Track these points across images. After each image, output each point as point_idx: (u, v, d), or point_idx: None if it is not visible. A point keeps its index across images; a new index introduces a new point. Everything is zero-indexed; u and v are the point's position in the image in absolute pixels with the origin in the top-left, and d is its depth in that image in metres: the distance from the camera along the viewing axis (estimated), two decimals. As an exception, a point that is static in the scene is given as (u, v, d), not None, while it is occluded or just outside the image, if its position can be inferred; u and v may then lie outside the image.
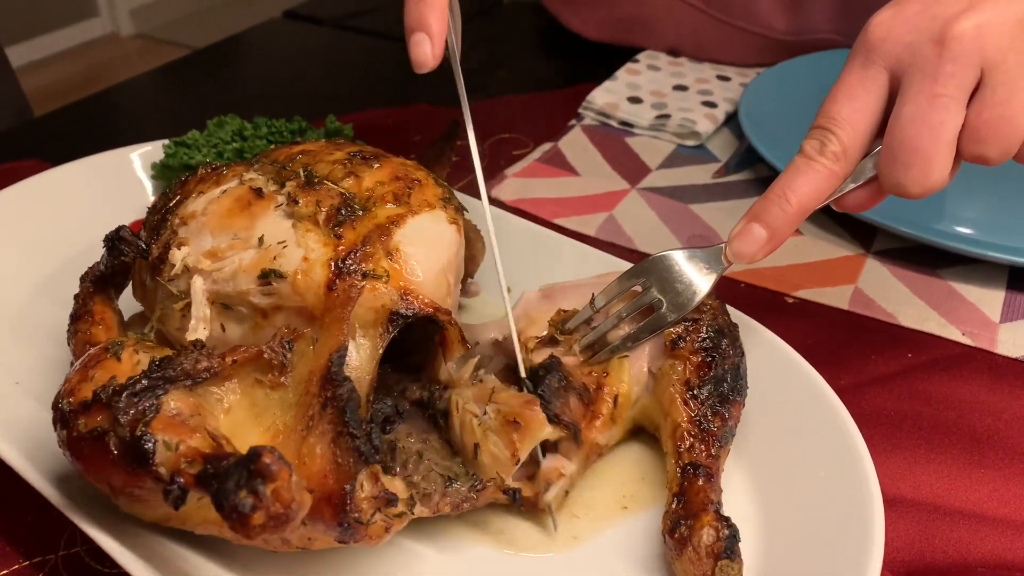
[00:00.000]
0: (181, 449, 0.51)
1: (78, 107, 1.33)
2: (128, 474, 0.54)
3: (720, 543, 0.60)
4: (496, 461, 0.62)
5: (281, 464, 0.46)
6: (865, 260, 0.98)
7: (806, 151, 0.66)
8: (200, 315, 0.62)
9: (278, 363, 0.58)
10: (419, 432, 0.65)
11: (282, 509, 0.46)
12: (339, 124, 1.02)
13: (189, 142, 0.97)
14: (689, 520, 0.61)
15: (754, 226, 0.66)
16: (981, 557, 0.67)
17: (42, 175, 0.95)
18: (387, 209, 0.64)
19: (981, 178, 1.08)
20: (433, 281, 0.63)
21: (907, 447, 0.76)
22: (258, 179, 0.67)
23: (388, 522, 0.55)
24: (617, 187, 1.11)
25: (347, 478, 0.53)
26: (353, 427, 0.54)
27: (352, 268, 0.61)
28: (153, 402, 0.54)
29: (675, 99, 1.28)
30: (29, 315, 0.82)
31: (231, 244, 0.63)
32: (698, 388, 0.68)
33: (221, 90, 1.42)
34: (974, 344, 0.87)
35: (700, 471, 0.65)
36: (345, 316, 0.59)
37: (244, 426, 0.57)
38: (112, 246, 0.67)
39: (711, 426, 0.67)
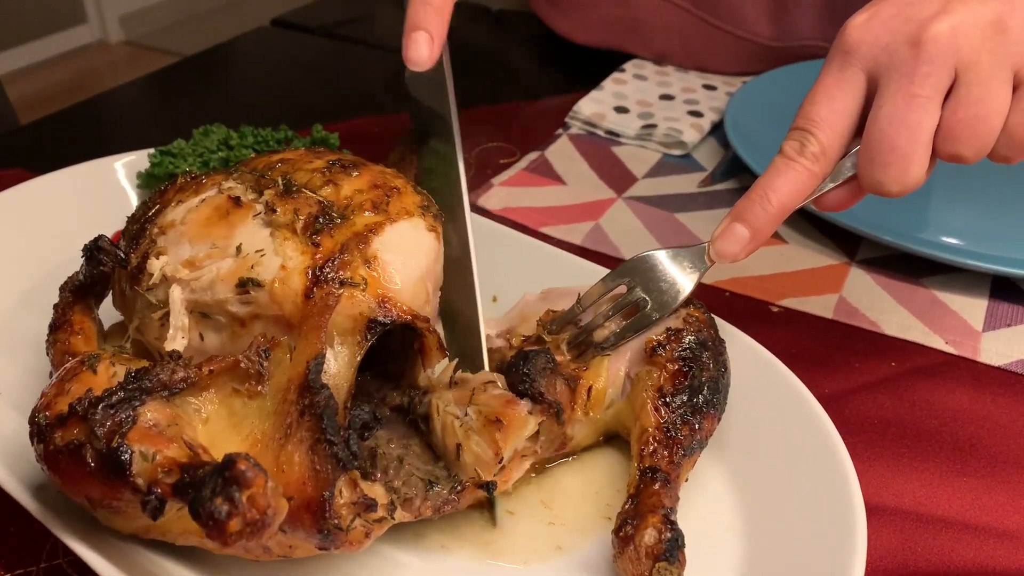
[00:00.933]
0: (158, 459, 0.51)
1: (63, 115, 1.32)
2: (106, 486, 0.54)
3: (660, 545, 0.60)
4: (479, 460, 0.62)
5: (256, 471, 0.46)
6: (849, 269, 0.99)
7: (786, 152, 0.67)
8: (178, 324, 0.62)
9: (255, 372, 0.58)
10: (399, 438, 0.65)
11: (258, 515, 0.46)
12: (325, 133, 1.02)
13: (175, 151, 0.97)
14: (636, 520, 0.62)
15: (736, 226, 0.67)
16: (963, 565, 0.68)
17: (25, 184, 0.95)
18: (365, 217, 0.65)
19: (966, 187, 1.09)
20: (411, 289, 0.64)
21: (890, 455, 0.77)
22: (237, 188, 0.67)
23: (368, 527, 0.55)
24: (603, 196, 1.11)
25: (326, 485, 0.53)
26: (331, 434, 0.54)
27: (330, 276, 0.61)
28: (130, 413, 0.54)
29: (661, 108, 1.28)
30: (11, 326, 0.82)
31: (209, 253, 0.63)
32: (671, 396, 0.68)
33: (208, 99, 1.42)
34: (957, 352, 0.88)
35: (658, 475, 0.65)
36: (323, 324, 0.59)
37: (223, 435, 0.57)
38: (91, 256, 0.67)
39: (678, 434, 0.67)
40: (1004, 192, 1.08)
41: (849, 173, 0.67)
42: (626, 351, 0.72)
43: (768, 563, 0.64)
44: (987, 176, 1.11)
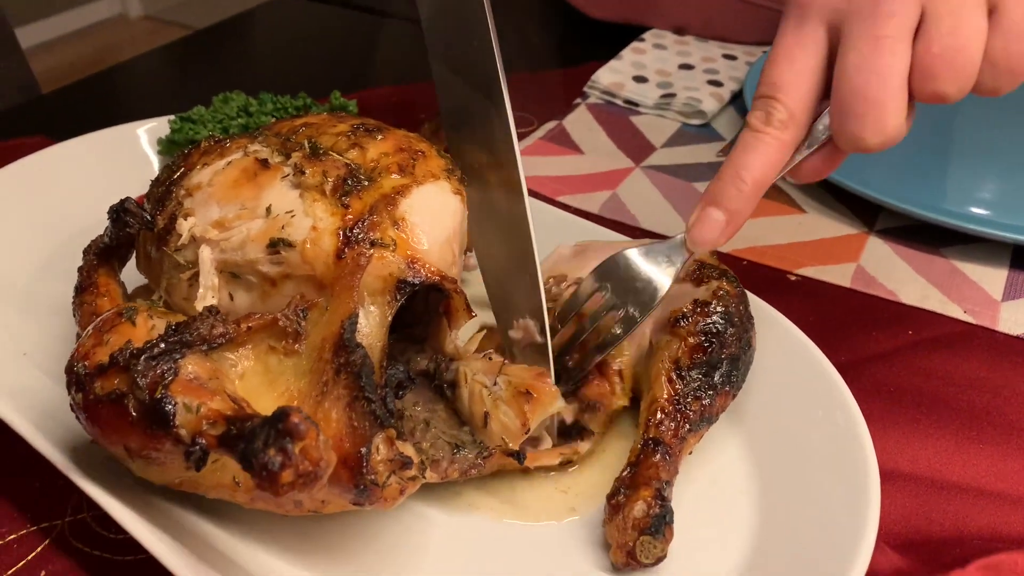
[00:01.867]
0: (202, 411, 0.52)
1: (84, 84, 1.33)
2: (147, 436, 0.54)
3: (647, 519, 0.61)
4: (506, 430, 0.63)
5: (308, 423, 0.47)
6: (868, 238, 0.99)
7: (752, 124, 0.63)
8: (208, 284, 0.63)
9: (293, 331, 0.59)
10: (425, 402, 0.66)
11: (311, 467, 0.47)
12: (344, 100, 1.03)
13: (195, 118, 0.98)
14: (629, 491, 0.63)
15: (711, 211, 0.65)
16: (977, 530, 0.68)
17: (48, 150, 0.96)
18: (392, 180, 0.65)
19: (988, 156, 1.09)
20: (439, 250, 0.64)
21: (906, 422, 0.77)
22: (263, 151, 0.68)
23: (403, 484, 0.56)
24: (621, 165, 1.11)
25: (363, 441, 0.54)
26: (369, 391, 0.55)
27: (360, 237, 0.62)
28: (171, 365, 0.55)
29: (680, 78, 1.28)
30: (35, 289, 0.83)
31: (238, 214, 0.63)
32: (686, 370, 0.68)
33: (227, 68, 1.43)
34: (976, 322, 0.88)
35: (660, 448, 0.65)
36: (355, 284, 0.60)
37: (258, 391, 0.58)
38: (117, 218, 0.67)
39: (687, 408, 0.68)
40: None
41: (823, 136, 0.64)
42: (649, 318, 0.72)
43: (782, 526, 0.65)
44: (1010, 145, 1.10)
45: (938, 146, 1.11)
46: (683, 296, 0.72)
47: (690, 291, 0.73)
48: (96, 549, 0.65)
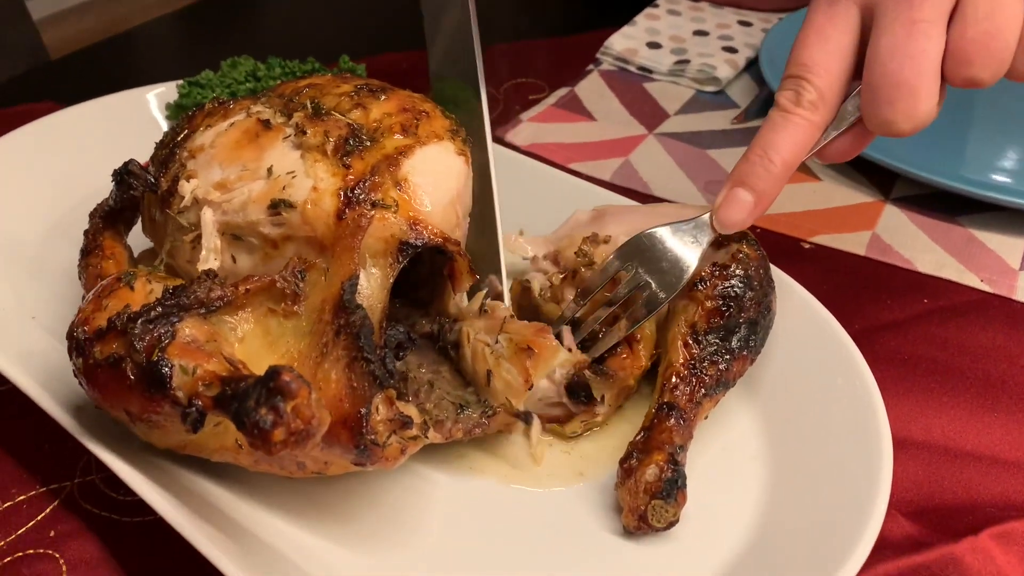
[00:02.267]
0: (198, 373, 0.52)
1: (93, 50, 1.33)
2: (145, 399, 0.54)
3: (659, 483, 0.60)
4: (509, 387, 0.63)
5: (300, 382, 0.47)
6: (884, 206, 0.97)
7: (782, 104, 0.63)
8: (211, 246, 0.63)
9: (291, 292, 0.59)
10: (429, 364, 0.66)
11: (303, 425, 0.47)
12: (352, 65, 1.02)
13: (203, 82, 0.97)
14: (642, 455, 0.62)
15: (739, 191, 0.64)
16: (990, 498, 0.67)
17: (57, 114, 0.95)
18: (395, 140, 0.64)
19: (1006, 123, 1.07)
20: (442, 211, 0.64)
21: (920, 391, 0.76)
22: (265, 111, 0.67)
23: (403, 444, 0.56)
24: (634, 132, 1.10)
25: (362, 402, 0.54)
26: (368, 352, 0.55)
27: (361, 198, 0.61)
28: (168, 329, 0.55)
29: (695, 44, 1.26)
30: (44, 252, 0.83)
31: (240, 175, 0.63)
32: (703, 334, 0.68)
33: (236, 33, 1.42)
34: (992, 291, 0.87)
35: (674, 412, 0.65)
36: (355, 245, 0.59)
37: (258, 354, 0.58)
38: (121, 180, 0.67)
39: (703, 373, 0.67)
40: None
41: (853, 117, 0.63)
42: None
43: (794, 492, 0.64)
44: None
45: (957, 113, 1.09)
46: (703, 259, 0.71)
47: (709, 254, 0.71)
48: (105, 510, 0.65)
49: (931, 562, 0.62)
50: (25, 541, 0.63)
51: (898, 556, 0.62)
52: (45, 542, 0.63)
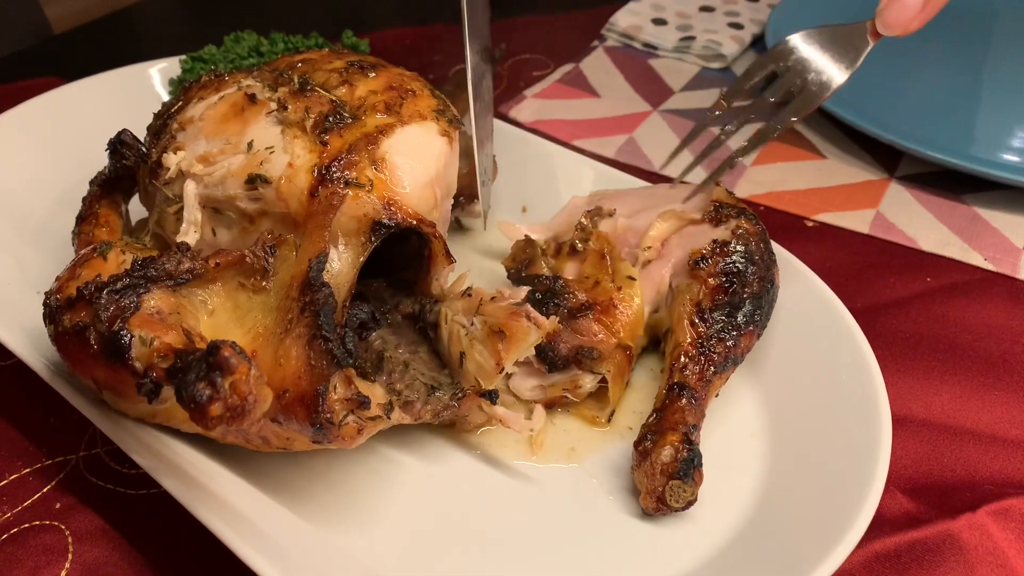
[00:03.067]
0: (155, 344, 0.52)
1: (96, 25, 1.32)
2: (108, 368, 0.55)
3: (676, 463, 0.60)
4: (480, 370, 0.62)
5: (240, 358, 0.47)
6: (888, 184, 0.96)
7: None
8: (192, 219, 0.62)
9: (260, 267, 0.58)
10: (408, 344, 0.65)
11: (239, 401, 0.47)
12: (356, 40, 1.01)
13: (206, 57, 0.96)
14: (656, 436, 0.62)
15: None
16: (989, 475, 0.67)
17: (62, 89, 0.95)
18: (377, 118, 0.63)
19: (1012, 101, 1.06)
20: (419, 193, 0.63)
21: (921, 369, 0.75)
22: (255, 85, 0.66)
23: (361, 424, 0.55)
24: (638, 109, 1.09)
25: (320, 380, 0.54)
26: (327, 330, 0.54)
27: (336, 176, 0.60)
28: (133, 300, 0.55)
29: (701, 20, 1.24)
30: (49, 226, 0.83)
31: (222, 149, 0.62)
32: (708, 312, 0.67)
33: (239, 7, 1.40)
34: (996, 269, 0.85)
35: (685, 392, 0.64)
36: (327, 223, 0.59)
37: (227, 328, 0.58)
38: (114, 150, 0.67)
39: (711, 351, 0.66)
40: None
41: None
42: (670, 256, 0.71)
43: (793, 467, 0.64)
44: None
45: (962, 91, 1.08)
46: (701, 236, 0.70)
47: (708, 231, 0.71)
48: (110, 483, 0.66)
49: (928, 538, 0.61)
50: (31, 513, 0.64)
51: (895, 532, 0.62)
52: (51, 514, 0.63)
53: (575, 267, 0.73)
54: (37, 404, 0.70)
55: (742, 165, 0.99)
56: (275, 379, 0.54)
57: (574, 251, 0.73)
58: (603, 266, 0.71)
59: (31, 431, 0.69)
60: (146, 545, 0.62)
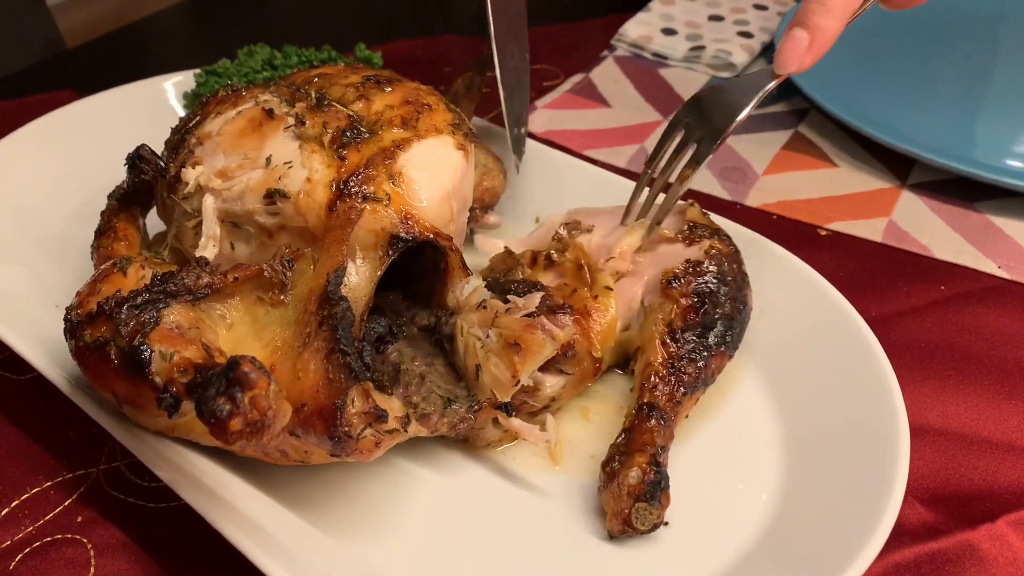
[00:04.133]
0: (175, 359, 0.52)
1: (110, 39, 1.32)
2: (128, 383, 0.55)
3: (643, 485, 0.59)
4: (496, 382, 0.62)
5: (260, 373, 0.46)
6: (900, 193, 0.96)
7: None
8: (210, 233, 0.63)
9: (278, 281, 0.58)
10: (424, 356, 0.65)
11: (258, 416, 0.47)
12: (369, 53, 1.01)
13: (220, 71, 0.97)
14: (624, 457, 0.61)
15: (796, 30, 0.65)
16: (1007, 485, 0.66)
17: (78, 103, 0.95)
18: (394, 133, 0.64)
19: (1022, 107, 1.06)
20: (435, 207, 0.63)
21: (937, 377, 0.75)
22: (272, 100, 0.66)
23: (378, 437, 0.55)
24: (649, 119, 1.09)
25: (338, 393, 0.54)
26: (345, 344, 0.54)
27: (353, 190, 0.60)
28: (153, 315, 0.55)
29: (710, 30, 1.24)
30: (67, 239, 0.82)
31: (241, 164, 0.62)
32: (680, 332, 0.67)
33: (251, 20, 1.41)
34: (1010, 277, 0.85)
35: (654, 413, 0.64)
36: (345, 237, 0.59)
37: (245, 341, 0.58)
38: (132, 164, 0.67)
39: (683, 372, 0.66)
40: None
41: None
42: (642, 274, 0.70)
43: (809, 479, 0.63)
44: None
45: (973, 98, 1.07)
46: (674, 256, 0.70)
47: (681, 251, 0.70)
48: (130, 496, 0.65)
49: (948, 548, 0.61)
50: (53, 526, 0.63)
51: (915, 543, 0.61)
52: (73, 527, 0.63)
53: (551, 278, 0.72)
54: (57, 417, 0.70)
55: (754, 174, 0.99)
56: (293, 393, 0.54)
57: (550, 262, 0.73)
58: (580, 276, 0.71)
59: (51, 445, 0.69)
60: (167, 558, 0.62)
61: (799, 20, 0.65)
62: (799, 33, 0.65)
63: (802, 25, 0.65)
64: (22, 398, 0.73)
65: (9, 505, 0.65)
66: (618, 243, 0.72)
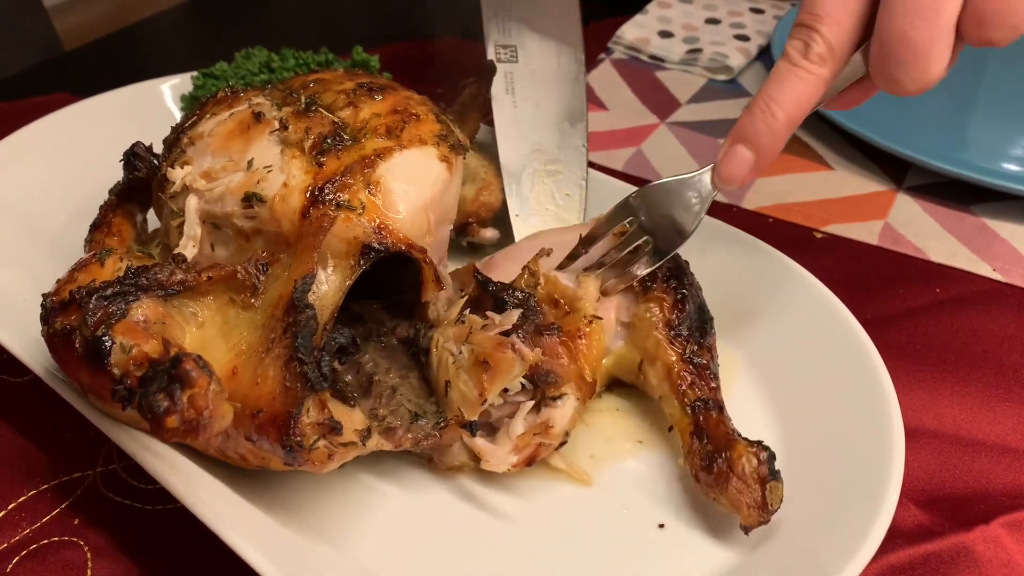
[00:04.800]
0: (133, 352, 0.52)
1: (107, 41, 1.32)
2: (90, 372, 0.55)
3: (763, 466, 0.59)
4: (464, 399, 0.61)
5: (201, 372, 0.46)
6: (896, 195, 0.96)
7: (790, 55, 0.58)
8: (191, 233, 0.62)
9: (251, 284, 0.58)
10: (399, 368, 0.64)
11: (195, 415, 0.46)
12: (366, 56, 1.01)
13: (217, 73, 0.96)
14: (722, 454, 0.60)
15: (739, 148, 0.61)
16: (1002, 487, 0.66)
17: (76, 105, 0.95)
18: (376, 142, 0.63)
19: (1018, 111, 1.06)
20: (412, 218, 0.62)
21: (931, 380, 0.74)
22: (264, 104, 0.66)
23: (332, 450, 0.54)
24: (646, 122, 1.09)
25: (294, 402, 0.53)
26: (302, 353, 0.54)
27: (328, 197, 0.60)
28: (121, 307, 0.55)
29: (707, 33, 1.24)
30: (64, 241, 0.82)
31: (225, 166, 0.62)
32: (679, 326, 0.67)
33: (248, 22, 1.40)
34: (1005, 280, 0.84)
35: (711, 405, 0.63)
36: (316, 244, 0.58)
37: (213, 342, 0.57)
38: (127, 161, 0.67)
39: (702, 360, 0.66)
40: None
41: (859, 74, 0.59)
42: (612, 300, 0.69)
43: (804, 480, 0.62)
44: None
45: (969, 101, 1.07)
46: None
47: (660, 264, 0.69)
48: (127, 498, 0.65)
49: (942, 551, 0.61)
50: (50, 528, 0.63)
51: (909, 545, 0.61)
52: (70, 530, 0.63)
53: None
54: (54, 420, 0.70)
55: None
56: (252, 397, 0.54)
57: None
58: (558, 309, 0.68)
59: (48, 447, 0.69)
60: (164, 560, 0.61)
61: (743, 135, 0.60)
62: (743, 152, 0.61)
63: (746, 142, 0.60)
64: (20, 400, 0.73)
65: (6, 508, 0.65)
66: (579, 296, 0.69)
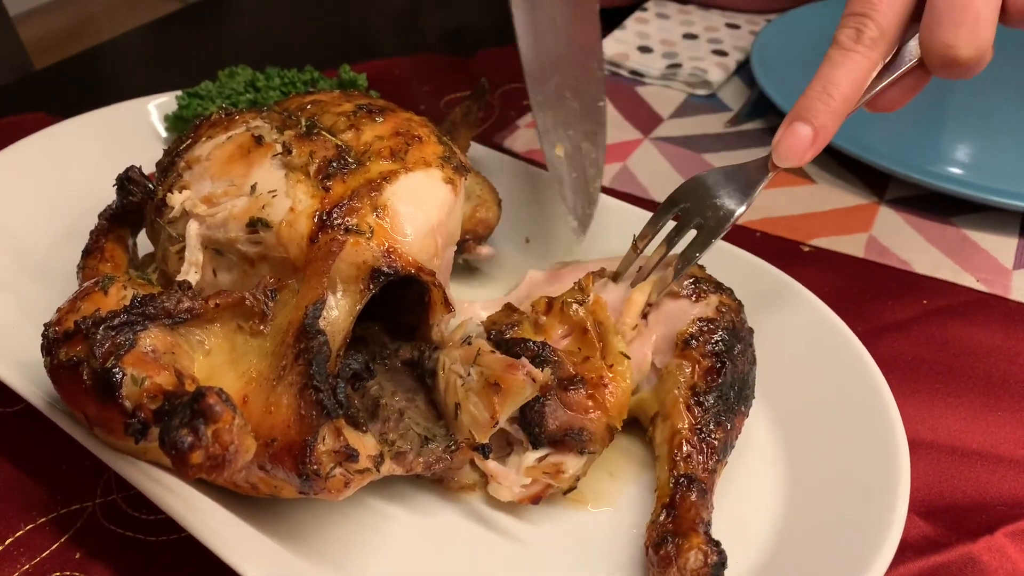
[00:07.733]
0: (146, 385, 0.50)
1: (79, 60, 1.27)
2: (98, 405, 0.53)
3: (707, 569, 0.56)
4: (475, 422, 0.59)
5: (225, 406, 0.44)
6: (879, 208, 0.96)
7: (842, 42, 0.62)
8: (193, 259, 0.60)
9: (259, 311, 0.56)
10: (405, 391, 0.63)
11: (220, 450, 0.45)
12: (353, 74, 1.00)
13: (202, 93, 0.94)
14: (677, 539, 0.57)
15: (798, 125, 0.63)
16: (1000, 496, 0.65)
17: (60, 125, 0.92)
18: (381, 164, 0.62)
19: (996, 124, 1.07)
20: (419, 241, 0.61)
21: (925, 391, 0.74)
22: (263, 127, 0.64)
23: (348, 477, 0.53)
24: (630, 137, 1.08)
25: (309, 430, 0.52)
26: (318, 380, 0.52)
27: (336, 222, 0.58)
28: (129, 337, 0.53)
29: (685, 48, 1.24)
30: (50, 263, 0.79)
31: (226, 190, 0.60)
32: (704, 395, 0.63)
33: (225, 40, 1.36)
34: (988, 290, 0.84)
35: (694, 485, 0.60)
36: (325, 270, 0.57)
37: (221, 370, 0.56)
38: (121, 186, 0.65)
39: (712, 438, 0.62)
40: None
41: (910, 61, 0.62)
42: (651, 333, 0.67)
43: (811, 495, 0.62)
44: (1018, 113, 1.08)
45: (945, 115, 1.07)
46: (682, 314, 0.66)
47: (689, 308, 0.67)
48: (128, 530, 0.63)
49: (950, 562, 0.60)
50: (51, 563, 0.61)
51: (918, 557, 0.61)
52: (71, 564, 0.60)
53: (559, 334, 0.67)
54: (48, 450, 0.67)
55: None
56: (264, 426, 0.52)
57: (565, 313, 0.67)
58: (586, 340, 0.66)
59: (44, 479, 0.66)
60: (169, 592, 0.59)
61: (801, 114, 0.62)
62: (803, 129, 0.62)
63: (805, 120, 0.62)
64: (11, 431, 0.70)
65: (3, 543, 0.62)
66: (628, 303, 0.68)
